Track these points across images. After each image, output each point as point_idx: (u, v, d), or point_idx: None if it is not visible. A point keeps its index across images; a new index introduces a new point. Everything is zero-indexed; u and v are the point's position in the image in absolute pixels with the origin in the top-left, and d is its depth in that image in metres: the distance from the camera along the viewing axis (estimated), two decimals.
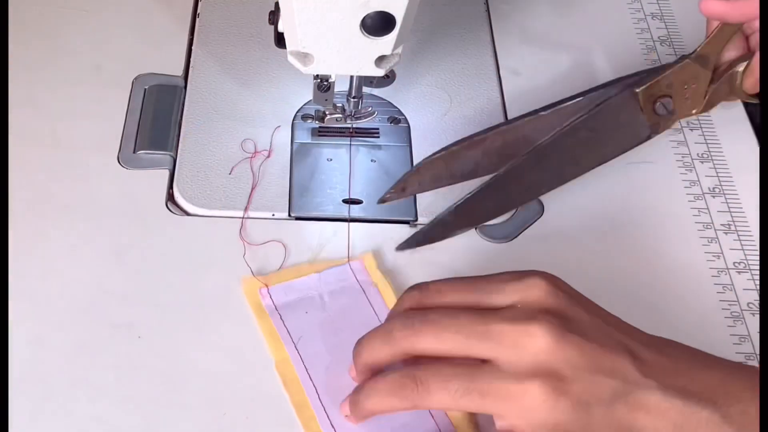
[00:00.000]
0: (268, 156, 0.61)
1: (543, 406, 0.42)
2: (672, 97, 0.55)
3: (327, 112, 0.61)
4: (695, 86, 0.55)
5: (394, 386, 0.45)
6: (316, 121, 0.62)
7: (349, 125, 0.62)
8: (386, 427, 0.48)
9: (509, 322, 0.43)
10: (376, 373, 0.47)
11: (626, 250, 0.58)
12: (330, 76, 0.58)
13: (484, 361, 0.44)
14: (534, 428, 0.42)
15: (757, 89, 0.56)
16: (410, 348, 0.45)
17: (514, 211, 0.59)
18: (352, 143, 0.63)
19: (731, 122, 0.65)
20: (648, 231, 0.59)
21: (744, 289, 0.56)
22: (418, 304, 0.47)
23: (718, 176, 0.62)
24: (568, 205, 0.59)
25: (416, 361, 0.45)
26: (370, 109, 0.62)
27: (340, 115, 0.61)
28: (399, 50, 0.53)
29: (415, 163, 0.59)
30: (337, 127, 0.62)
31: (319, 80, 0.58)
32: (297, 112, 0.64)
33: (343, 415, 0.48)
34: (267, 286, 0.54)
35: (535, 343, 0.42)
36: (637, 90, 0.55)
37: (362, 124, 0.62)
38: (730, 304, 0.55)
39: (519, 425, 0.43)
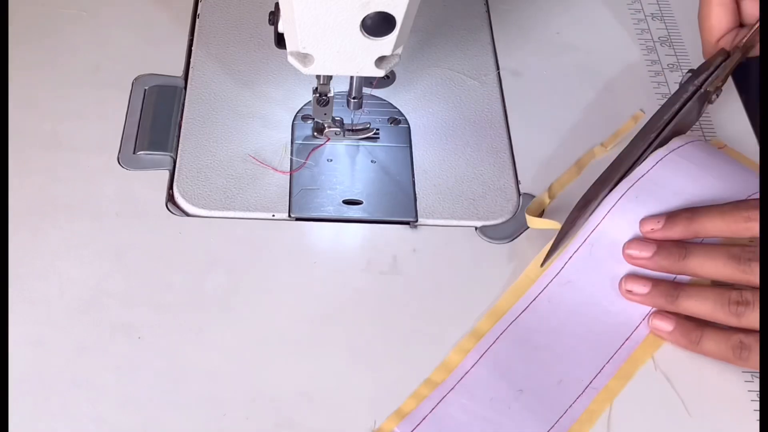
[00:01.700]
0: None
1: None
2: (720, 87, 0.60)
3: (326, 125, 0.62)
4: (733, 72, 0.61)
5: (724, 300, 0.50)
6: (315, 133, 0.62)
7: (347, 138, 0.62)
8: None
9: None
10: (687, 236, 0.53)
11: None
12: (329, 91, 0.58)
13: None
14: None
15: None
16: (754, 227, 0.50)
17: (514, 211, 0.59)
18: (352, 144, 0.63)
19: (731, 122, 0.65)
20: None
21: None
22: None
23: None
24: (569, 205, 0.59)
25: None
26: (369, 125, 0.63)
27: (339, 129, 0.61)
28: (399, 51, 0.53)
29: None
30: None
31: (318, 95, 0.58)
32: (297, 112, 0.64)
33: (639, 291, 0.53)
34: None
35: None
36: (709, 89, 0.60)
37: (361, 125, 0.63)
38: None
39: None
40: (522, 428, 0.50)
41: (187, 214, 0.58)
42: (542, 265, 0.54)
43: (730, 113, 0.65)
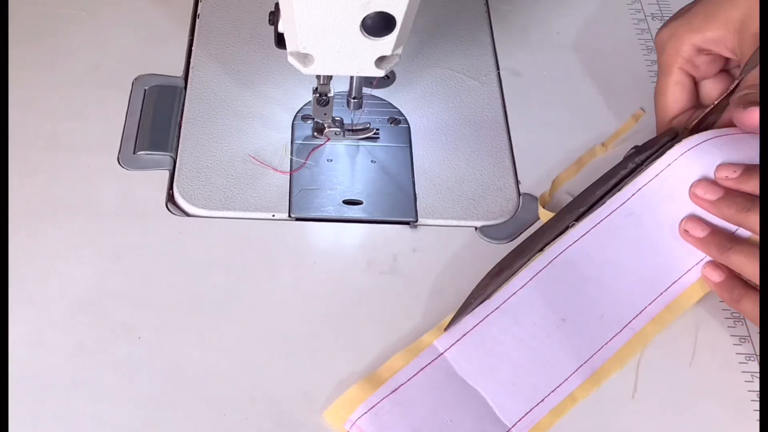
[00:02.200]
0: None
1: None
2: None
3: (326, 125, 0.62)
4: None
5: None
6: (315, 133, 0.62)
7: (347, 138, 0.62)
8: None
9: None
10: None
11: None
12: (329, 91, 0.58)
13: None
14: None
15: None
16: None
17: (514, 211, 0.59)
18: (352, 144, 0.63)
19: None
20: None
21: None
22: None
23: None
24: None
25: None
26: (369, 125, 0.63)
27: (339, 129, 0.62)
28: (399, 51, 0.53)
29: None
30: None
31: (318, 95, 0.58)
32: (297, 112, 0.64)
33: (697, 234, 0.53)
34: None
35: None
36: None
37: (361, 125, 0.63)
38: None
39: None
40: (556, 358, 0.51)
41: (187, 214, 0.58)
42: (446, 329, 0.52)
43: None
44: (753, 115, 0.52)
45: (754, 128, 0.53)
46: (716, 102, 0.58)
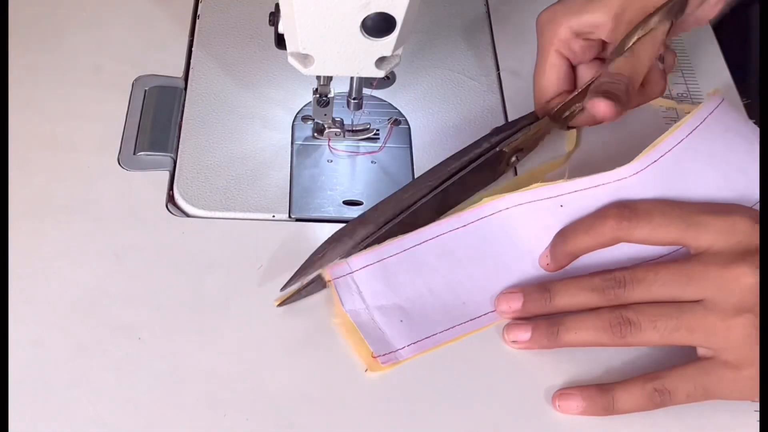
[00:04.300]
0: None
1: (747, 339, 0.47)
2: (523, 150, 0.59)
3: (326, 126, 0.62)
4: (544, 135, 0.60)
5: (604, 324, 0.49)
6: (315, 134, 0.62)
7: (347, 139, 0.62)
8: None
9: (717, 265, 0.48)
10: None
11: None
12: (329, 91, 0.58)
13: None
14: (738, 359, 0.48)
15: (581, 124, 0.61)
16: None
17: None
18: (353, 144, 0.63)
19: None
20: None
21: None
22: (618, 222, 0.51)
23: None
24: None
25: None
26: (369, 126, 0.63)
27: (339, 130, 0.62)
28: (399, 51, 0.53)
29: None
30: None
31: (318, 95, 0.58)
32: (297, 113, 0.64)
33: (522, 338, 0.51)
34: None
35: (742, 284, 0.47)
36: (505, 150, 0.58)
37: (361, 126, 0.63)
38: None
39: (723, 356, 0.48)
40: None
41: (187, 215, 0.58)
42: (279, 305, 0.53)
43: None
44: (600, 106, 0.53)
45: (601, 118, 0.54)
46: (581, 89, 0.58)
